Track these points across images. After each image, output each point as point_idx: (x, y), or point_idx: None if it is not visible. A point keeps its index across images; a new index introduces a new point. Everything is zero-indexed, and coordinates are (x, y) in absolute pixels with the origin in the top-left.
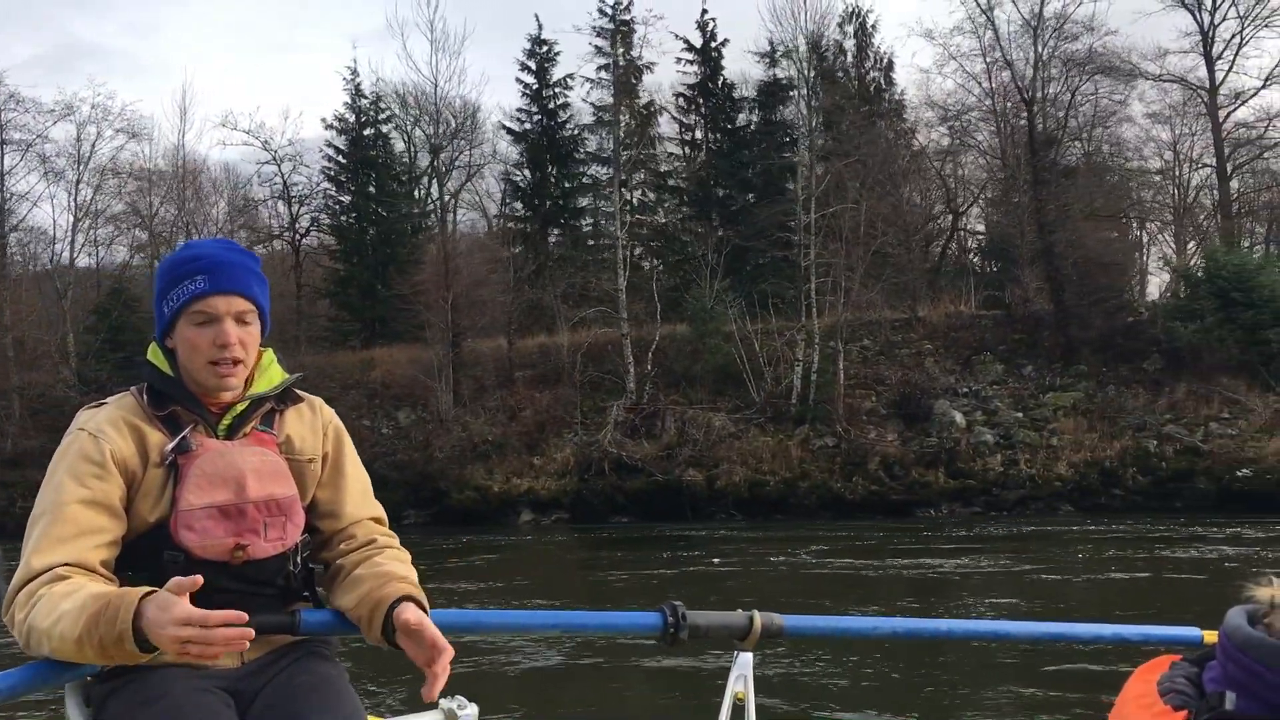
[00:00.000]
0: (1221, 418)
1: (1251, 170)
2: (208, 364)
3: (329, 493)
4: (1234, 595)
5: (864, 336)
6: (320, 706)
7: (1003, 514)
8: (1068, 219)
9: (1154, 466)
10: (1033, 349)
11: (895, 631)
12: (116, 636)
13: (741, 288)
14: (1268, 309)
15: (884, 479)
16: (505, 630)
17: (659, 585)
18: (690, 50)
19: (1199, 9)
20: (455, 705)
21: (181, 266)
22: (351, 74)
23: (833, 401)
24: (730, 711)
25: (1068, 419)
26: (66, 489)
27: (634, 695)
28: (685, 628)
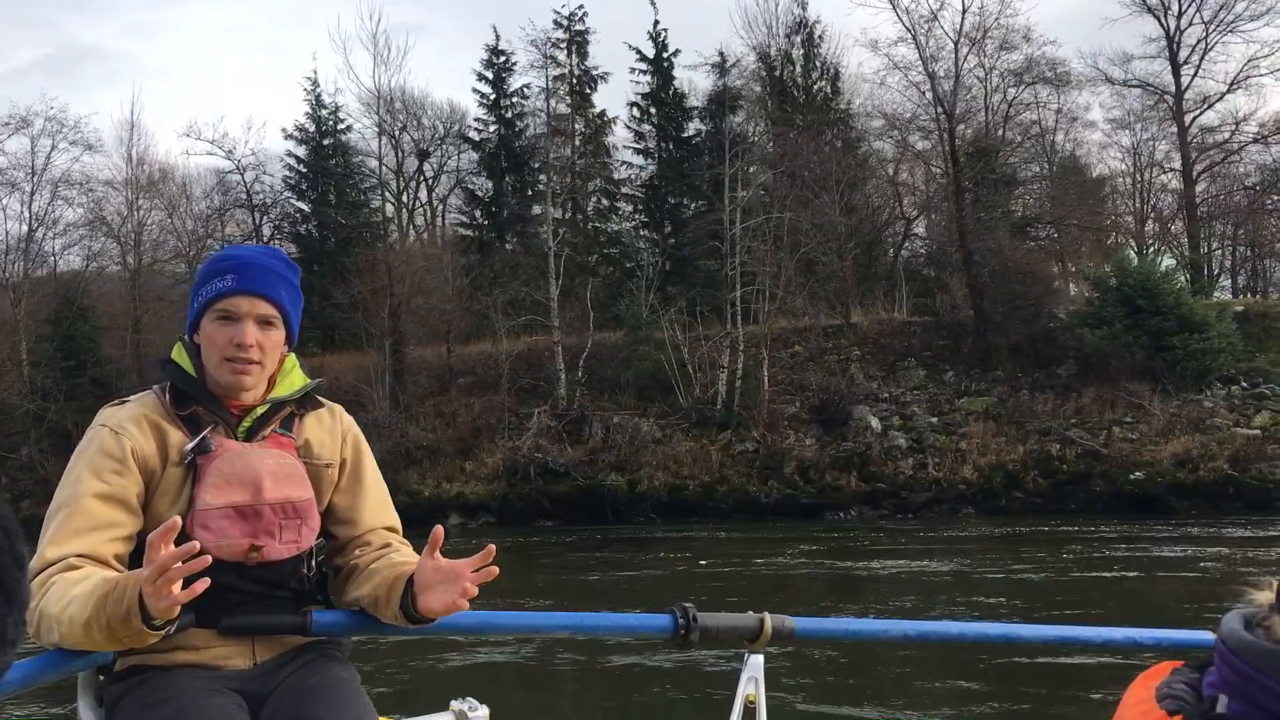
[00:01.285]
0: (1124, 422)
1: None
2: (223, 360)
3: (348, 499)
4: (1104, 592)
5: (796, 343)
6: (332, 707)
7: (908, 516)
8: (988, 228)
9: (1055, 469)
10: (955, 355)
11: (906, 634)
12: (124, 614)
13: (678, 296)
14: (1172, 316)
15: (798, 482)
16: (516, 631)
17: (576, 588)
18: (643, 60)
19: (1165, 14)
20: (466, 707)
21: (214, 265)
22: (312, 84)
23: (756, 407)
24: (741, 713)
25: (978, 423)
26: (85, 482)
27: (644, 697)
28: (696, 629)
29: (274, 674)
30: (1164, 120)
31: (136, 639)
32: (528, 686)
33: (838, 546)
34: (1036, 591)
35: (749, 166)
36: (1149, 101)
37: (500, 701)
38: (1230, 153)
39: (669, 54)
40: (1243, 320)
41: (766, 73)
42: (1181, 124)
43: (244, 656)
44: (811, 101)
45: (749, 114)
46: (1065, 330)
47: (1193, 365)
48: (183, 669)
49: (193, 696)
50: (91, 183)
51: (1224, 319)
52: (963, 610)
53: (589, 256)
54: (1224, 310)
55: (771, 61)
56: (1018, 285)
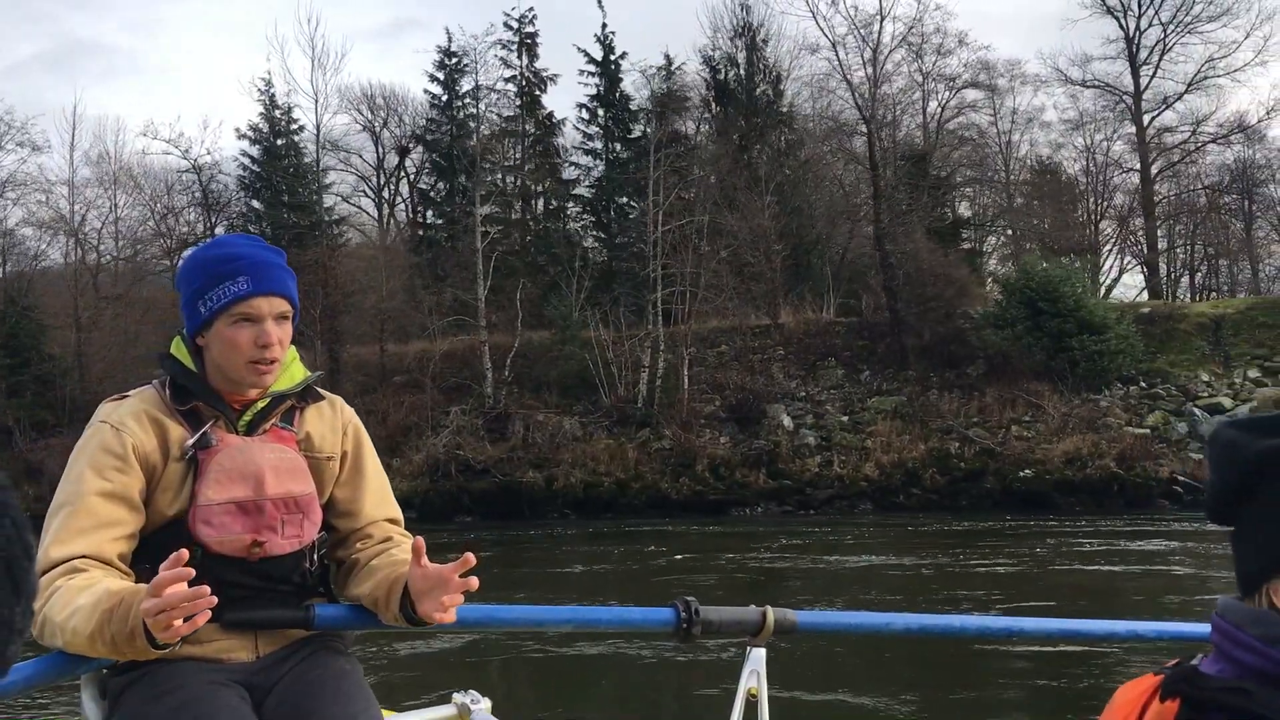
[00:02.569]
0: (1023, 421)
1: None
2: (248, 363)
3: (348, 492)
4: (978, 585)
5: (723, 343)
6: (335, 700)
7: (810, 512)
8: (904, 231)
9: (952, 467)
10: (873, 355)
11: (909, 628)
12: (128, 633)
13: (607, 297)
14: (1072, 319)
15: (708, 480)
16: (519, 626)
17: (486, 581)
18: (591, 63)
19: (1124, 15)
20: (469, 700)
21: (220, 265)
22: (266, 84)
23: (675, 406)
24: (743, 707)
25: (886, 422)
26: (87, 480)
27: (646, 690)
28: (699, 623)
29: (277, 667)
30: (1120, 120)
31: (141, 654)
32: (530, 679)
33: (739, 542)
34: (918, 584)
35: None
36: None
37: (502, 694)
38: (1188, 152)
39: (616, 56)
40: (1147, 322)
41: (710, 75)
42: (1140, 124)
43: (247, 650)
44: (754, 104)
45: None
46: (975, 331)
47: (1091, 366)
48: (186, 662)
49: (196, 689)
50: (35, 183)
51: (1124, 321)
52: (840, 602)
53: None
54: (1125, 313)
55: (715, 64)
56: (930, 287)
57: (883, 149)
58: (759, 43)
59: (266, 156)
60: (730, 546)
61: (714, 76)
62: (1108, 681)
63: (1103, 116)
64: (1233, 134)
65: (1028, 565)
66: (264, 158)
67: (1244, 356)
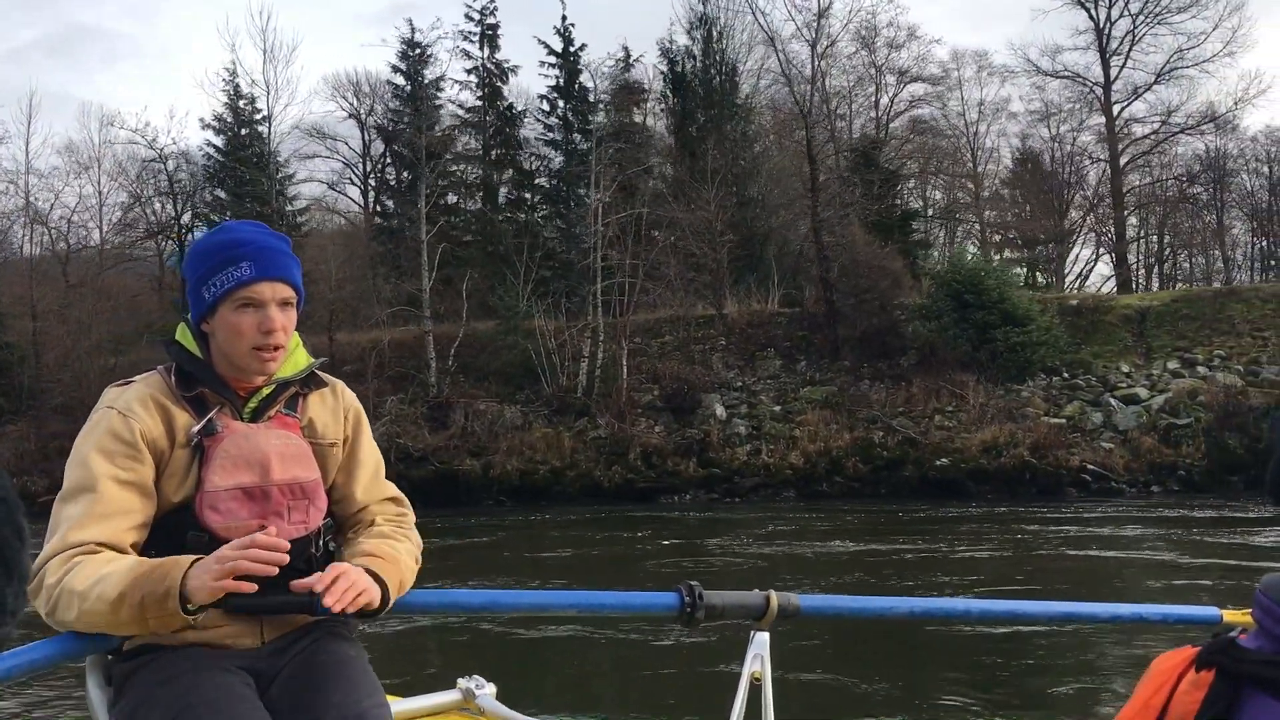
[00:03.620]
0: (946, 411)
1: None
2: (251, 349)
3: (342, 476)
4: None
5: (667, 333)
6: (340, 686)
7: (736, 500)
8: (842, 223)
9: (875, 456)
10: (810, 346)
11: (913, 611)
12: (162, 593)
13: (556, 287)
14: (996, 311)
15: (640, 468)
16: (521, 611)
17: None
18: (552, 54)
19: (1095, 6)
20: (473, 685)
21: (225, 251)
22: (230, 74)
23: (613, 395)
24: (747, 691)
25: (815, 412)
26: (100, 466)
27: (650, 674)
28: (702, 608)
29: (282, 653)
30: (1089, 111)
31: (164, 621)
32: (534, 664)
33: (663, 528)
34: (825, 567)
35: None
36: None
37: (507, 679)
38: (1156, 143)
39: (576, 48)
40: (1075, 314)
41: (667, 67)
42: (1110, 114)
43: (252, 636)
44: (710, 97)
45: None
46: (908, 323)
47: (1014, 357)
48: (191, 648)
49: (201, 675)
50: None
51: (1048, 313)
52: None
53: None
54: (1050, 305)
55: (673, 56)
56: (865, 279)
57: (836, 141)
58: (714, 35)
59: (230, 146)
60: (655, 533)
61: (671, 69)
62: (1114, 666)
63: (1068, 108)
64: (1201, 124)
65: (937, 550)
66: (227, 147)
67: (1165, 348)
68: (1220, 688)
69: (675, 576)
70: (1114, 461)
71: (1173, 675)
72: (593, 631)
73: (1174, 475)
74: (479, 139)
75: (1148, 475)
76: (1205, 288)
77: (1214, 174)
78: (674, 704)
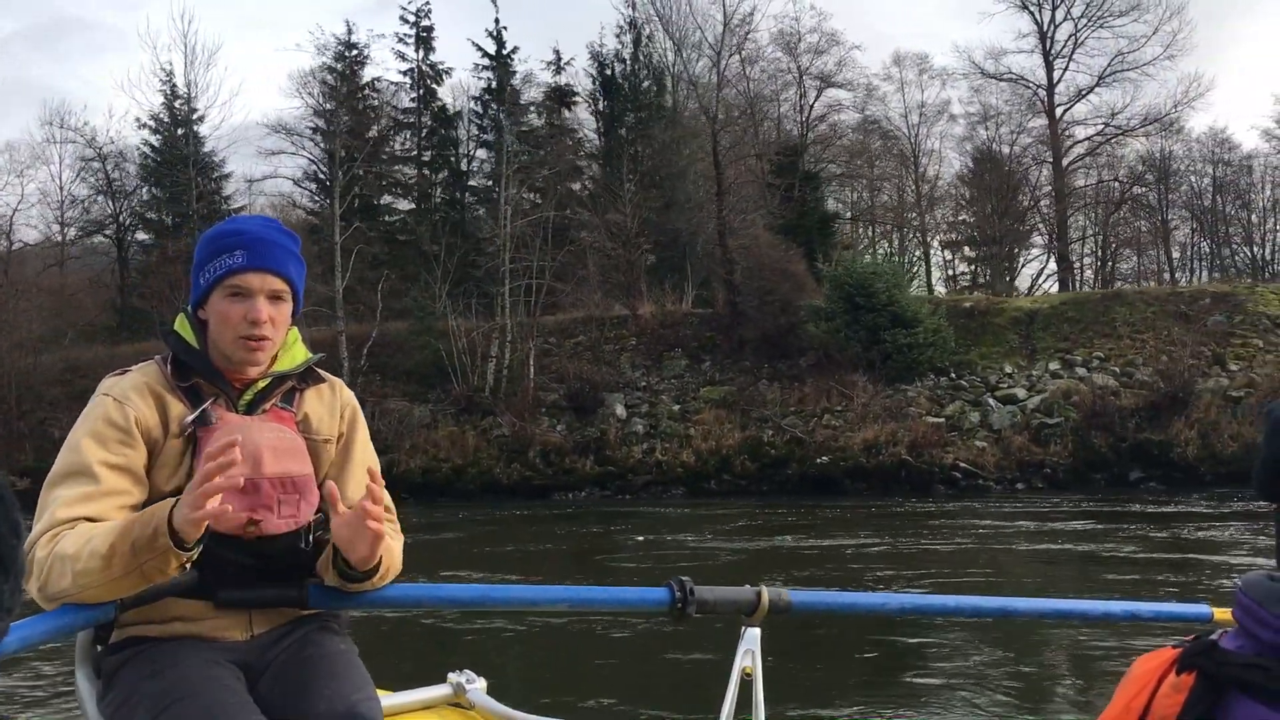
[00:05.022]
0: (835, 410)
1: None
2: (237, 338)
3: (334, 473)
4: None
5: (580, 333)
6: (329, 679)
7: (626, 497)
8: (746, 226)
9: (763, 454)
10: (716, 346)
11: (903, 607)
12: (151, 534)
13: (471, 289)
14: (885, 313)
15: (538, 466)
16: (512, 605)
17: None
18: (485, 56)
19: (1039, 9)
20: (464, 679)
21: (222, 240)
22: (167, 75)
23: (520, 395)
24: (738, 687)
25: (711, 411)
26: (92, 450)
27: (642, 669)
28: (693, 603)
29: (271, 646)
30: (1031, 114)
31: (158, 564)
32: (525, 658)
33: (555, 524)
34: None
35: (533, 165)
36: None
37: (498, 673)
38: (1097, 145)
39: (509, 51)
40: (967, 316)
41: (597, 70)
42: (1053, 116)
43: (241, 629)
44: (637, 100)
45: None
46: (805, 324)
47: (902, 359)
48: (180, 640)
49: (190, 668)
50: None
51: (936, 315)
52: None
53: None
54: (940, 306)
55: (603, 59)
56: (767, 281)
57: (758, 145)
58: (643, 39)
59: (165, 146)
60: (545, 530)
61: (600, 72)
62: (1106, 664)
63: (1006, 110)
64: (1144, 126)
65: (804, 544)
66: (163, 147)
67: (1049, 350)
68: (1201, 690)
69: (560, 568)
70: (985, 460)
71: (1153, 677)
72: (583, 626)
73: (1040, 473)
74: (414, 140)
75: (1015, 473)
76: (1093, 291)
77: (1157, 174)
78: (665, 698)
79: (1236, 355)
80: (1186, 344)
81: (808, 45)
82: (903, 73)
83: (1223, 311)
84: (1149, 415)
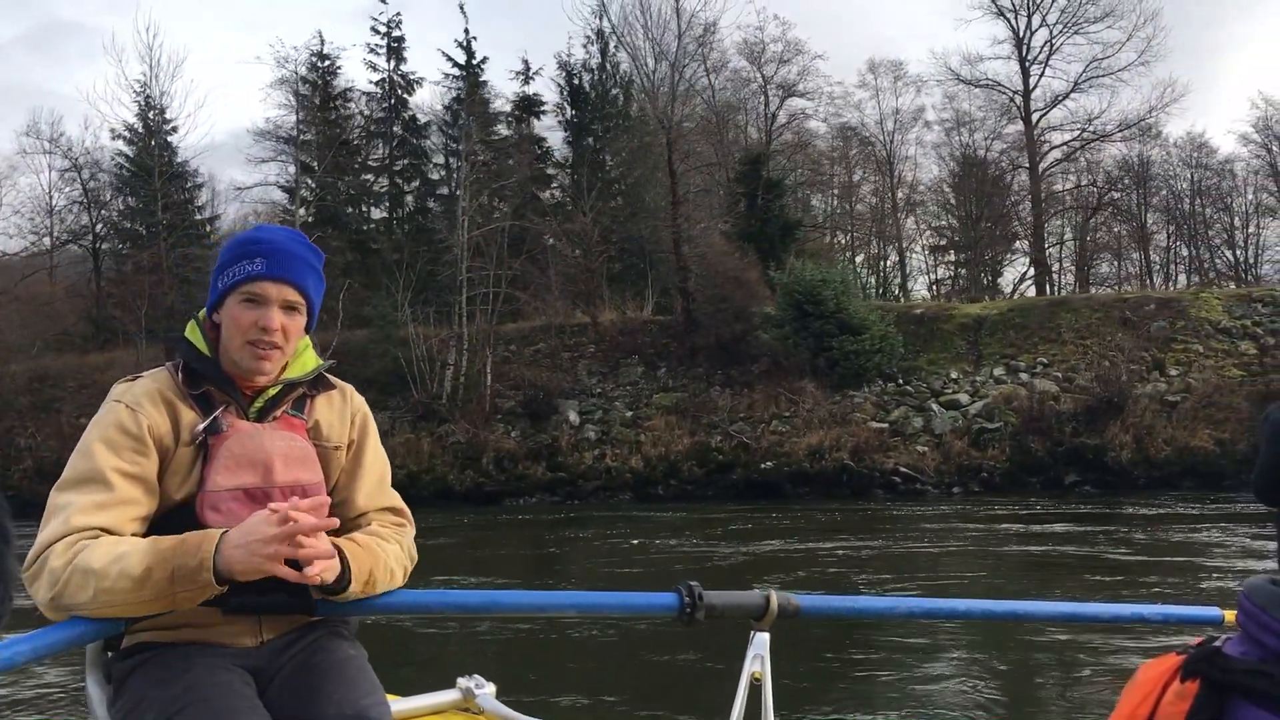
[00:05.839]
0: (783, 416)
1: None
2: (246, 344)
3: (345, 479)
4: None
5: (540, 340)
6: (339, 685)
7: (575, 503)
8: (698, 235)
9: (710, 460)
10: (672, 354)
11: (912, 611)
12: (195, 566)
13: (431, 297)
14: (833, 320)
15: (491, 472)
16: (520, 611)
17: None
18: (455, 67)
19: (1015, 16)
20: (473, 684)
21: (243, 247)
22: (141, 87)
23: (476, 401)
24: (747, 692)
25: (663, 417)
26: (105, 458)
27: (650, 674)
28: (702, 608)
29: (281, 652)
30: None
31: (195, 595)
32: (533, 663)
33: (509, 530)
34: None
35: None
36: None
37: (506, 678)
38: (1074, 150)
39: (478, 61)
40: (917, 322)
41: (565, 80)
42: (1029, 122)
43: (251, 635)
44: (605, 109)
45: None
46: (758, 331)
47: (849, 365)
48: (190, 646)
49: (201, 674)
50: None
51: (884, 322)
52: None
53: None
54: (889, 313)
55: (570, 69)
56: (720, 289)
57: (723, 150)
58: (610, 49)
59: (139, 156)
60: (495, 535)
61: (568, 81)
62: (1113, 666)
63: (980, 115)
64: (1120, 131)
65: (743, 548)
66: (137, 157)
67: (995, 356)
68: (1205, 698)
69: (511, 572)
70: (925, 464)
71: (1157, 684)
72: (592, 631)
73: (977, 477)
74: (385, 149)
75: (953, 477)
76: (1040, 297)
77: (1134, 179)
78: (673, 703)
79: (1176, 360)
80: (1125, 349)
81: (771, 54)
82: (878, 79)
83: (1165, 317)
84: (1086, 420)
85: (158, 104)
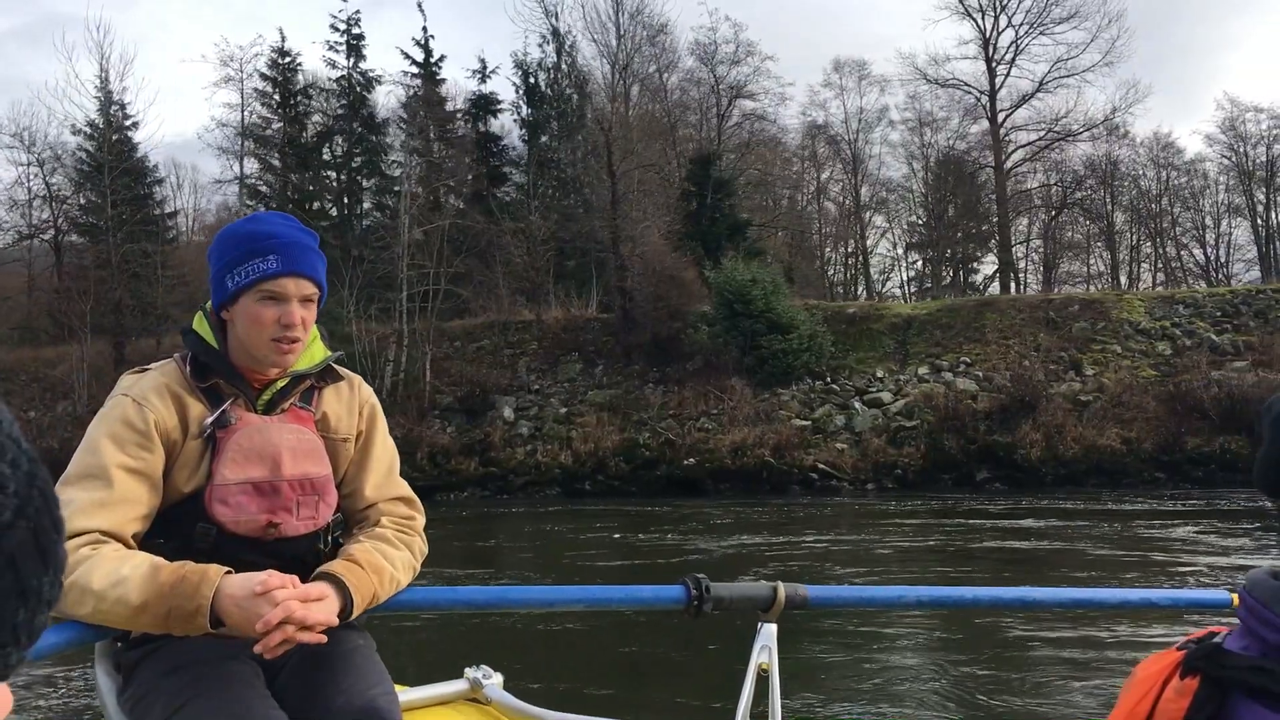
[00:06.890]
0: (711, 414)
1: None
2: (270, 341)
3: (353, 471)
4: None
5: (485, 337)
6: (347, 675)
7: (505, 497)
8: (638, 234)
9: (637, 456)
10: (610, 351)
11: (921, 600)
12: (192, 610)
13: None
14: (762, 320)
15: (424, 467)
16: (528, 606)
17: None
18: (414, 64)
19: (982, 16)
20: (480, 674)
21: (253, 241)
22: (102, 81)
23: (414, 397)
24: (754, 683)
25: (595, 414)
26: (109, 453)
27: (657, 666)
28: (709, 600)
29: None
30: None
31: (189, 630)
32: (541, 655)
33: (439, 525)
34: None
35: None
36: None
37: (514, 668)
38: (1038, 150)
39: (436, 60)
40: (848, 322)
41: (521, 78)
42: (995, 121)
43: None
44: (560, 107)
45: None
46: (692, 330)
47: (778, 364)
48: (200, 636)
49: (209, 664)
50: None
51: (812, 321)
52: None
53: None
54: (816, 312)
55: (527, 68)
56: (657, 288)
57: (675, 150)
58: (565, 48)
59: (100, 150)
60: (430, 528)
61: (524, 80)
62: (1124, 654)
63: (944, 116)
64: (1085, 131)
65: (664, 540)
66: (97, 153)
67: (920, 355)
68: (1205, 695)
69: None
70: (844, 461)
71: (1157, 681)
72: (599, 623)
73: (891, 474)
74: (343, 146)
75: (869, 474)
76: (968, 298)
77: (1100, 179)
78: (681, 694)
79: (1094, 360)
80: (1044, 349)
81: (724, 55)
82: (843, 79)
83: (1087, 318)
84: (1000, 419)
85: (105, 101)
